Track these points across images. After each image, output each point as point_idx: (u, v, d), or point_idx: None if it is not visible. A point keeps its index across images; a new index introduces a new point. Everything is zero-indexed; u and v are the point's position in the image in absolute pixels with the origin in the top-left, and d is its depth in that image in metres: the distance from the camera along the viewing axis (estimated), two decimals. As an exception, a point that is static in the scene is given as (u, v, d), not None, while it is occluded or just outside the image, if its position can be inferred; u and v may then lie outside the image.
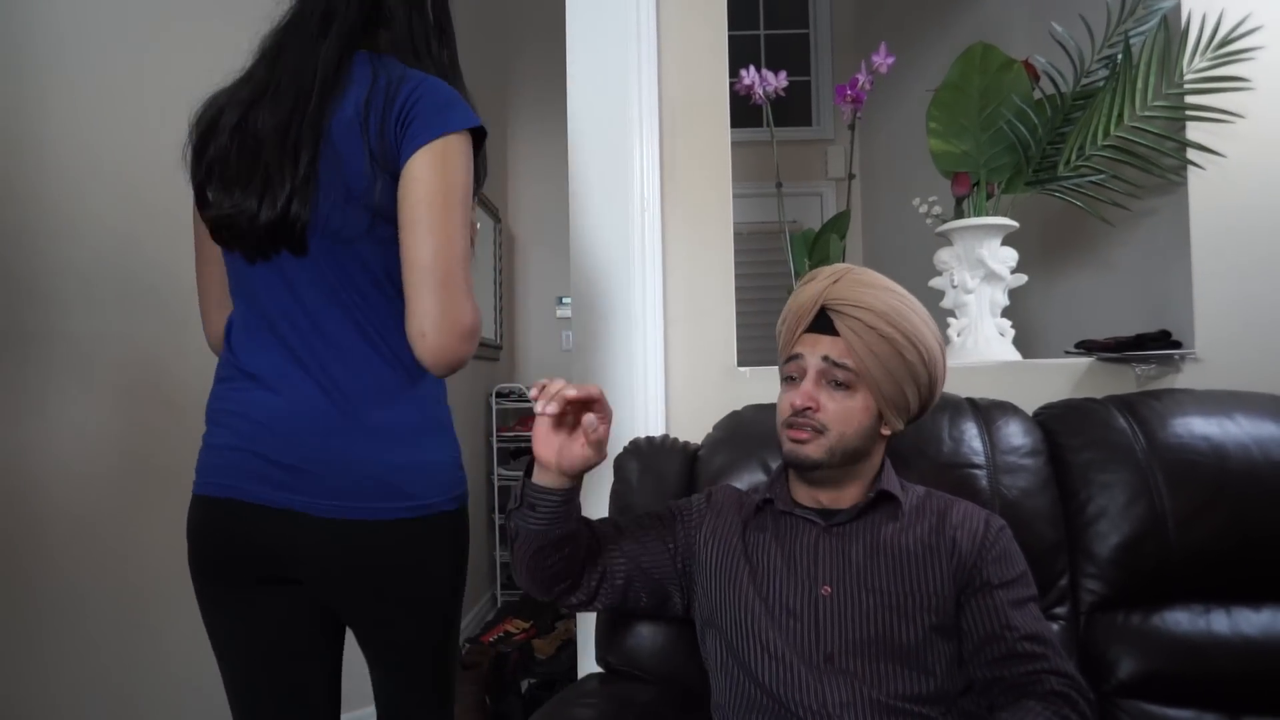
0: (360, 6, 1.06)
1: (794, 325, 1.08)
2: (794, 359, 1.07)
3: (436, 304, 0.96)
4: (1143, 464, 1.30)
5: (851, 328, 1.02)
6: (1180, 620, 1.24)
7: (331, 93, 1.00)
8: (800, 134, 4.31)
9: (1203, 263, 1.61)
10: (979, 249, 1.67)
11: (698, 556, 1.12)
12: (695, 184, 1.67)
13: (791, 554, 1.06)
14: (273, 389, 1.01)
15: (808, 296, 1.06)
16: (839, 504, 1.08)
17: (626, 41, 1.63)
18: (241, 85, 1.07)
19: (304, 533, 0.99)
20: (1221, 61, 1.56)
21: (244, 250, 1.03)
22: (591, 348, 1.62)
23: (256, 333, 1.04)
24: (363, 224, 1.00)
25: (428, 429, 1.05)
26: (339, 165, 0.99)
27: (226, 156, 1.02)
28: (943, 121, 1.68)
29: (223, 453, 1.04)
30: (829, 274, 1.07)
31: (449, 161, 0.98)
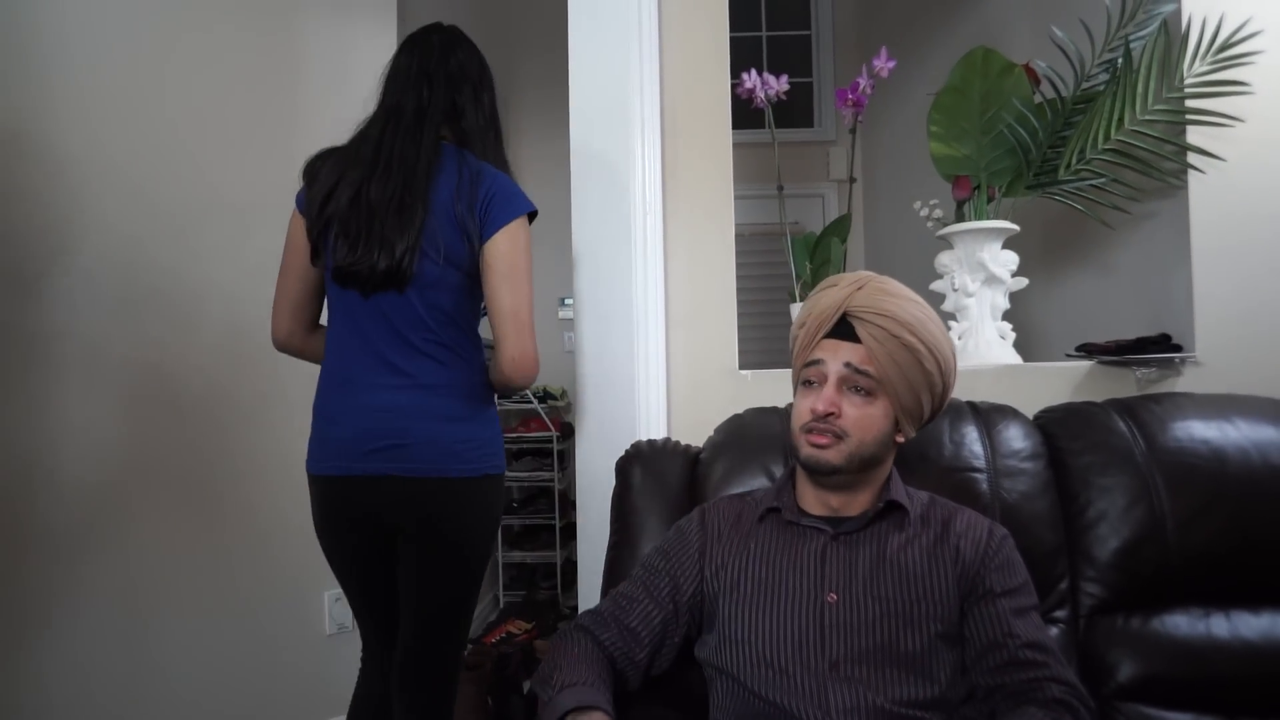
0: (442, 106, 1.44)
1: (814, 330, 1.08)
2: (815, 364, 1.07)
3: (515, 338, 1.37)
4: (1142, 468, 1.30)
5: (874, 335, 1.03)
6: (1180, 624, 1.25)
7: (431, 176, 1.36)
8: (802, 135, 4.31)
9: (1203, 266, 1.62)
10: (980, 252, 1.68)
11: (706, 588, 1.11)
12: (697, 187, 1.68)
13: (798, 562, 1.06)
14: (373, 391, 1.38)
15: (830, 302, 1.07)
16: (849, 510, 1.08)
17: (628, 45, 1.63)
18: (352, 164, 1.40)
19: (398, 488, 1.36)
20: (1221, 65, 1.57)
21: (359, 289, 1.38)
22: (594, 351, 1.63)
23: (360, 350, 1.40)
24: (445, 275, 1.37)
25: (480, 417, 1.43)
26: (437, 233, 1.35)
27: (346, 219, 1.36)
28: (944, 125, 1.69)
29: (336, 442, 1.40)
30: (852, 281, 1.08)
31: (517, 239, 1.39)
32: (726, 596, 1.08)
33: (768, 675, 1.02)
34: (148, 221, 2.08)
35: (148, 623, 2.05)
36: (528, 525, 4.02)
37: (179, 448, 2.13)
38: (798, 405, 1.08)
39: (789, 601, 1.04)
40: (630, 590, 1.13)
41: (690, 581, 1.11)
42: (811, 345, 1.08)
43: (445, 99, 1.44)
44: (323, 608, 2.36)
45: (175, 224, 2.12)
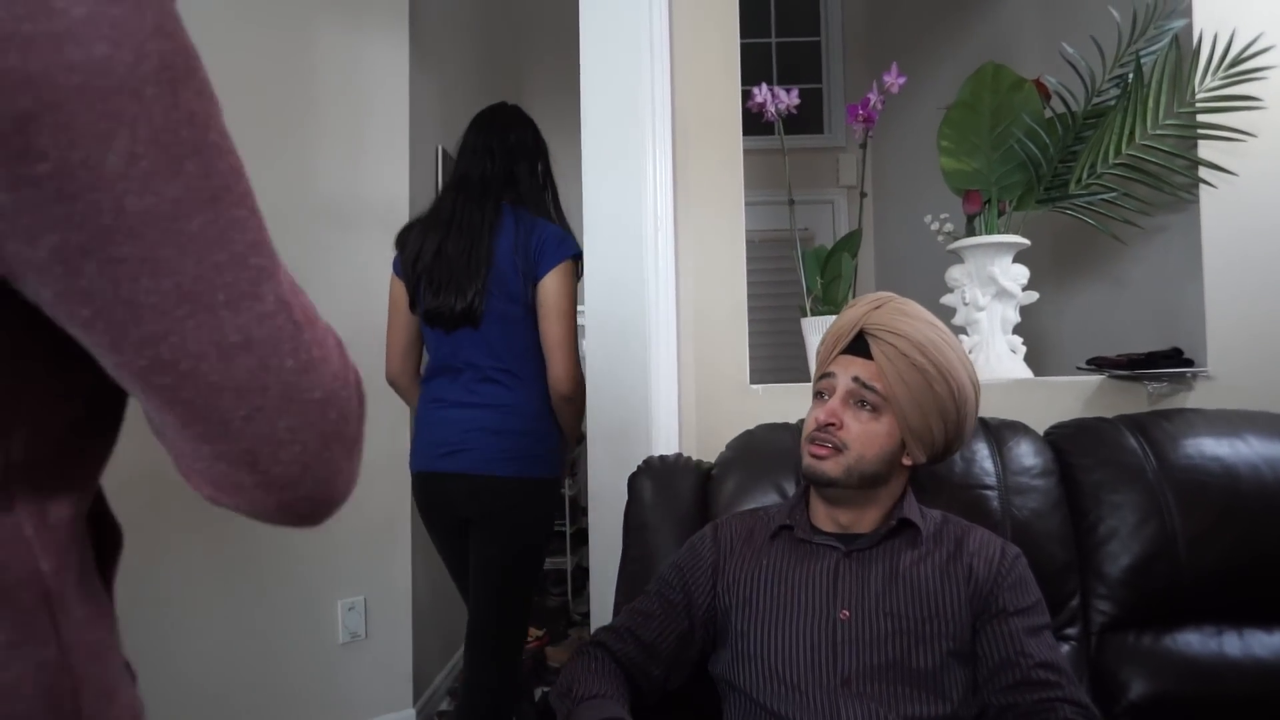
0: (502, 176, 1.78)
1: (831, 345, 1.10)
2: (826, 377, 1.09)
3: (564, 362, 1.72)
4: (1153, 484, 1.31)
5: (885, 353, 1.04)
6: (1191, 641, 1.25)
7: (494, 235, 1.71)
8: (812, 142, 4.31)
9: (1215, 280, 1.62)
10: (990, 266, 1.68)
11: (719, 603, 1.12)
12: (708, 202, 1.69)
13: (810, 579, 1.07)
14: (455, 407, 1.75)
15: (848, 320, 1.09)
16: (858, 527, 1.09)
17: (640, 61, 1.64)
18: (432, 228, 1.76)
19: (461, 483, 1.73)
20: (1233, 81, 1.57)
21: (443, 328, 1.74)
22: (606, 366, 1.64)
23: (445, 374, 1.78)
24: (508, 312, 1.71)
25: (531, 432, 1.76)
26: (501, 279, 1.69)
27: (431, 271, 1.72)
28: (954, 140, 1.69)
29: (424, 445, 1.80)
30: (872, 300, 1.10)
31: (562, 279, 1.73)
32: (739, 612, 1.09)
33: (780, 691, 1.02)
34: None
35: (167, 628, 2.08)
36: (538, 532, 4.02)
37: (194, 458, 2.14)
38: (807, 416, 1.10)
39: (802, 618, 1.05)
40: (646, 605, 1.14)
41: (704, 596, 1.13)
42: (828, 360, 1.10)
43: (504, 169, 1.78)
44: (336, 617, 2.37)
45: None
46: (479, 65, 3.69)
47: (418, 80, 2.64)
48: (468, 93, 3.47)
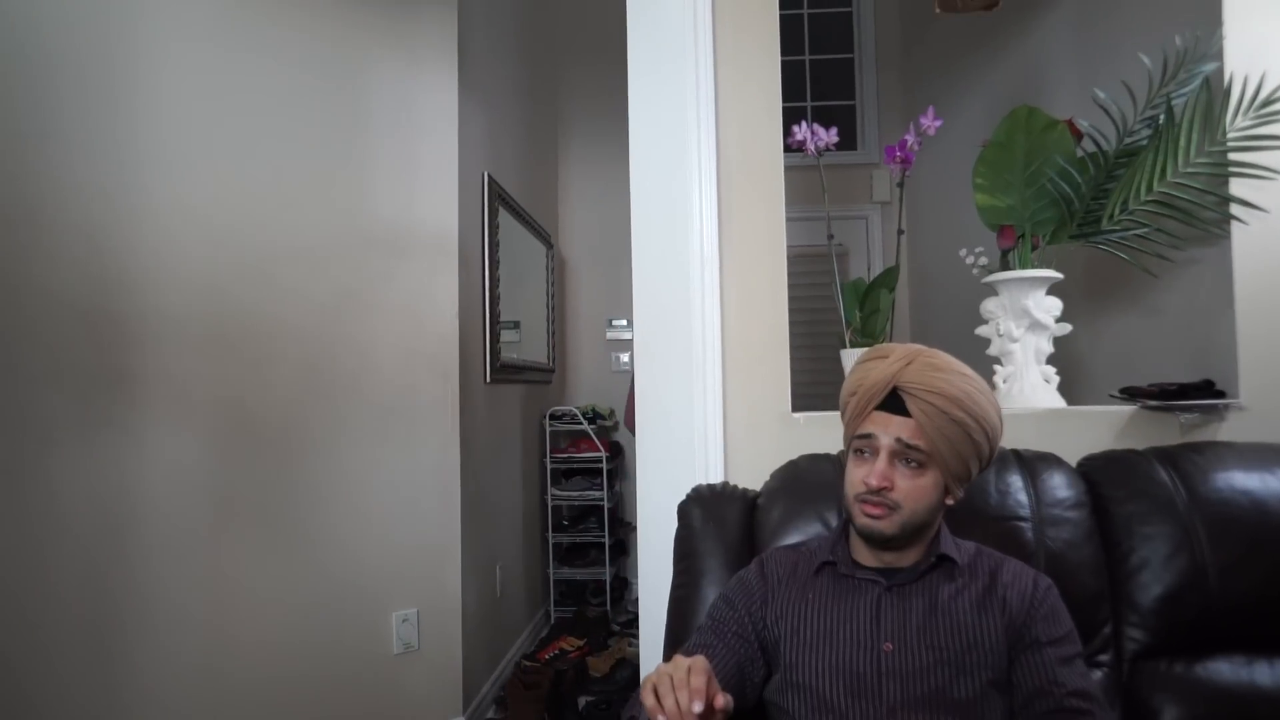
0: None
1: (864, 402, 1.13)
2: (867, 437, 1.12)
3: None
4: (1184, 517, 1.36)
5: (924, 411, 1.08)
6: (1223, 670, 1.30)
7: None
8: (845, 158, 4.37)
9: (1247, 313, 1.66)
10: (1024, 299, 1.74)
11: (769, 634, 1.18)
12: (751, 238, 1.76)
13: (854, 613, 1.14)
14: None
15: (880, 376, 1.12)
16: (899, 563, 1.15)
17: (685, 107, 1.73)
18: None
19: None
20: (1263, 121, 1.61)
21: None
22: (654, 396, 1.72)
23: None
24: None
25: None
26: None
27: None
28: (988, 178, 1.75)
29: None
30: (902, 355, 1.13)
31: None
32: (788, 642, 1.16)
33: (826, 717, 1.10)
34: (228, 266, 2.22)
35: (230, 637, 2.20)
36: (577, 543, 4.12)
37: (258, 477, 2.27)
38: (851, 473, 1.14)
39: (847, 649, 1.11)
40: (701, 639, 1.20)
41: (757, 626, 1.19)
42: (862, 416, 1.13)
43: None
44: (390, 628, 2.48)
45: (253, 267, 2.27)
46: (522, 93, 3.79)
47: (465, 109, 2.75)
48: (512, 120, 3.58)
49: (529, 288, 3.72)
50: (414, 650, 2.52)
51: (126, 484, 2.03)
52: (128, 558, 2.03)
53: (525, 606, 3.67)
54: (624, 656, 3.24)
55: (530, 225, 3.68)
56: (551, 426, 4.02)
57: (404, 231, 2.55)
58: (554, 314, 4.22)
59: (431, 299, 2.59)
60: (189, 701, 2.12)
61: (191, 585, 2.14)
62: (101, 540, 1.98)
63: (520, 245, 3.51)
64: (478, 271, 2.95)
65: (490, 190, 3.03)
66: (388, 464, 2.48)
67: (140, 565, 2.05)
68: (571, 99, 4.65)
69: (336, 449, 2.40)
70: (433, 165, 2.62)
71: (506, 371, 3.23)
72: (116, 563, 2.01)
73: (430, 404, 2.58)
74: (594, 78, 4.60)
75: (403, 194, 2.55)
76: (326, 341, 2.39)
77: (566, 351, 4.59)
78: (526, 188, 3.76)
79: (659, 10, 1.75)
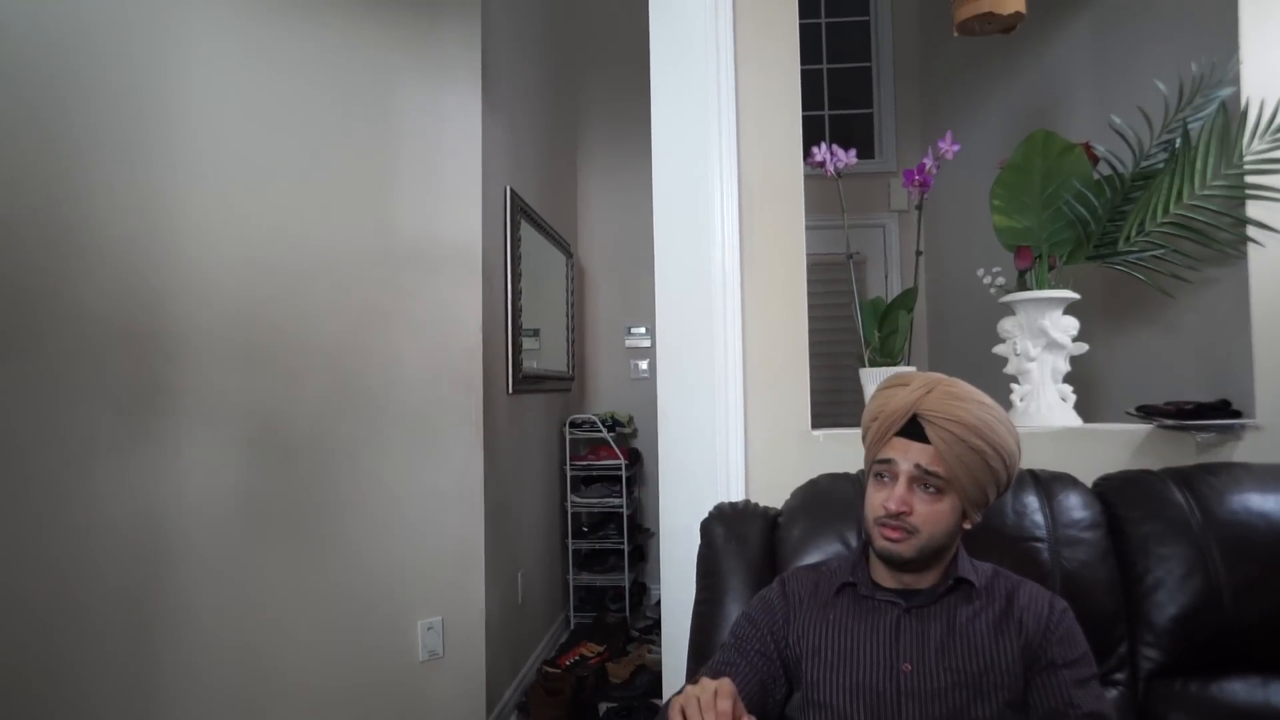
0: None
1: (885, 428, 1.16)
2: (886, 462, 1.16)
3: None
4: (1199, 538, 1.38)
5: (943, 438, 1.12)
6: (1238, 690, 1.32)
7: None
8: (863, 166, 4.38)
9: (1263, 334, 1.68)
10: (1041, 319, 1.76)
11: (790, 652, 1.22)
12: (771, 258, 1.79)
13: (874, 633, 1.17)
14: None
15: (900, 404, 1.15)
16: (918, 584, 1.19)
17: (708, 128, 1.77)
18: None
19: None
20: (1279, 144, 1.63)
21: None
22: (677, 414, 1.76)
23: None
24: None
25: None
26: None
27: None
28: (1006, 199, 1.78)
29: None
30: (922, 384, 1.16)
31: None
32: (809, 661, 1.19)
33: None
34: (262, 282, 2.28)
35: (262, 643, 2.26)
36: (596, 549, 4.16)
37: (289, 488, 2.33)
38: (871, 496, 1.18)
39: (867, 670, 1.15)
40: (725, 657, 1.24)
41: (778, 645, 1.23)
42: (883, 442, 1.17)
43: None
44: (416, 635, 2.53)
45: (286, 284, 2.33)
46: (542, 104, 3.84)
47: (489, 125, 2.80)
48: (533, 131, 3.63)
49: (549, 297, 3.77)
50: (439, 657, 2.57)
51: (164, 494, 2.09)
52: (166, 565, 2.09)
53: (546, 613, 3.71)
54: (643, 663, 3.28)
55: (550, 235, 3.73)
56: (571, 434, 4.06)
57: (430, 247, 2.60)
58: (573, 322, 4.26)
59: (456, 313, 2.64)
60: (223, 703, 2.18)
61: (225, 592, 2.20)
62: (141, 548, 2.04)
63: (541, 255, 3.56)
64: (500, 284, 3.00)
65: (512, 204, 3.08)
66: (414, 475, 2.53)
67: (177, 572, 2.11)
68: (590, 106, 4.70)
69: (365, 460, 2.45)
70: (457, 181, 2.67)
71: (528, 382, 3.28)
72: (155, 570, 2.07)
73: (455, 416, 2.63)
74: (612, 84, 4.65)
75: (428, 210, 2.60)
76: (355, 355, 2.45)
77: (585, 359, 4.64)
78: (547, 198, 3.81)
79: (681, 24, 1.79)
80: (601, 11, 4.68)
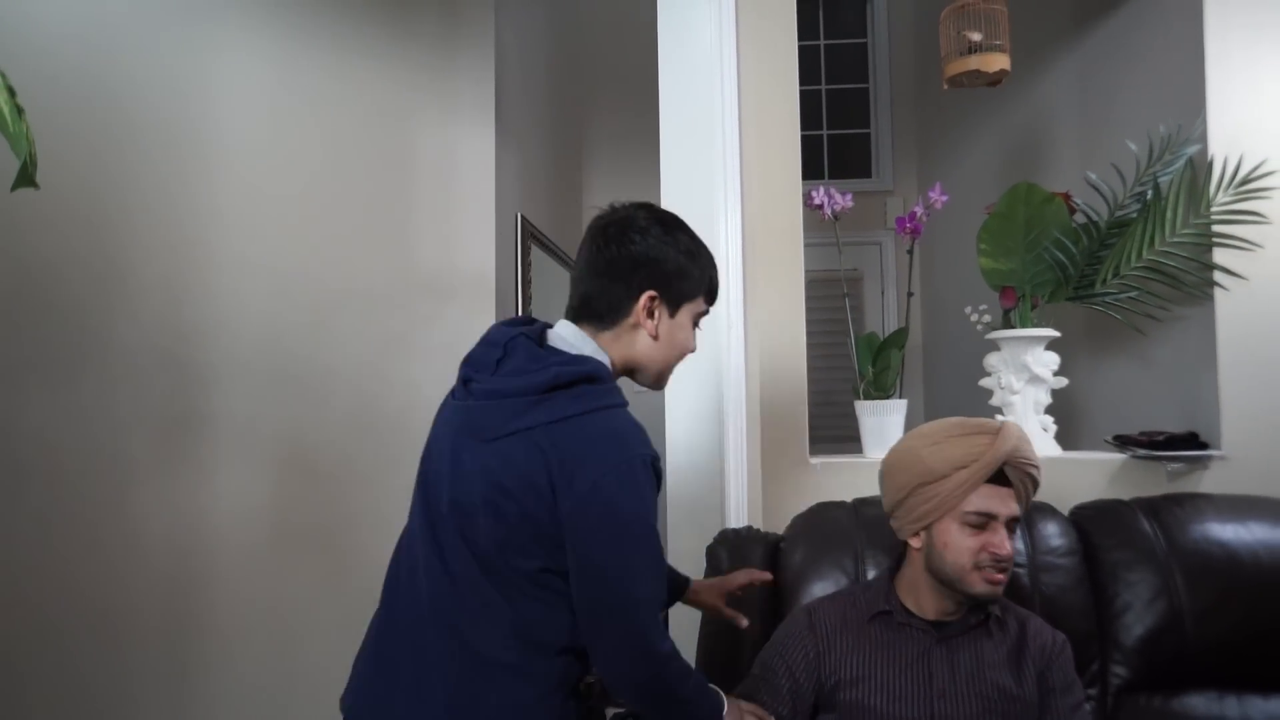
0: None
1: (978, 476, 1.20)
2: (986, 514, 1.21)
3: None
4: (1164, 565, 1.51)
5: (1024, 482, 1.23)
6: (1196, 705, 1.46)
7: None
8: (860, 185, 4.51)
9: (1229, 372, 1.81)
10: (1024, 355, 1.89)
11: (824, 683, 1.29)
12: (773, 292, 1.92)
13: (908, 661, 1.26)
14: None
15: (997, 453, 1.20)
16: (954, 616, 1.28)
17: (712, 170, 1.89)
18: None
19: None
20: (1243, 197, 1.76)
21: None
22: (684, 442, 1.89)
23: None
24: None
25: None
26: None
27: None
28: (991, 244, 1.91)
29: None
30: (1012, 431, 1.24)
31: None
32: (847, 690, 1.27)
33: None
34: (289, 311, 2.41)
35: (289, 654, 2.39)
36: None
37: (315, 508, 2.45)
38: (963, 541, 1.21)
39: (903, 697, 1.24)
40: (751, 686, 1.32)
41: (807, 678, 1.30)
42: (972, 489, 1.20)
43: None
44: (433, 646, 2.65)
45: (311, 312, 2.46)
46: (550, 127, 3.97)
47: (500, 154, 2.92)
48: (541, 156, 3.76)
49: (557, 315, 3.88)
50: (455, 666, 2.70)
51: (198, 513, 2.22)
52: (199, 581, 2.22)
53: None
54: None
55: (558, 256, 3.86)
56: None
57: (446, 275, 2.72)
58: (579, 337, 4.37)
59: (471, 339, 2.67)
60: (252, 713, 2.30)
61: (254, 606, 2.32)
62: (176, 565, 2.17)
63: (549, 276, 3.68)
64: (512, 309, 3.12)
65: (523, 229, 3.20)
66: (431, 493, 2.66)
67: (210, 588, 2.24)
68: (594, 125, 4.81)
69: (386, 481, 2.57)
70: (472, 212, 2.79)
71: (537, 400, 3.39)
72: (189, 585, 2.20)
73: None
74: (616, 102, 4.75)
75: (445, 241, 2.72)
76: (377, 380, 2.57)
77: (590, 372, 4.74)
78: (555, 219, 3.93)
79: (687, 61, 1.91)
80: (606, 36, 4.80)
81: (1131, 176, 1.87)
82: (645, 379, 1.21)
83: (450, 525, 1.09)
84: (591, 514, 1.02)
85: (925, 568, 1.26)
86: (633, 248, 1.13)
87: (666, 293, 1.15)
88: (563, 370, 1.07)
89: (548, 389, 1.06)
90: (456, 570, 1.08)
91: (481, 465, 1.07)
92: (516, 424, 1.05)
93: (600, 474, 1.02)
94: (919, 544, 1.27)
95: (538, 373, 1.08)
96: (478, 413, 1.11)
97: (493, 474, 1.05)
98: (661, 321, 1.16)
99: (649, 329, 1.15)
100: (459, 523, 1.08)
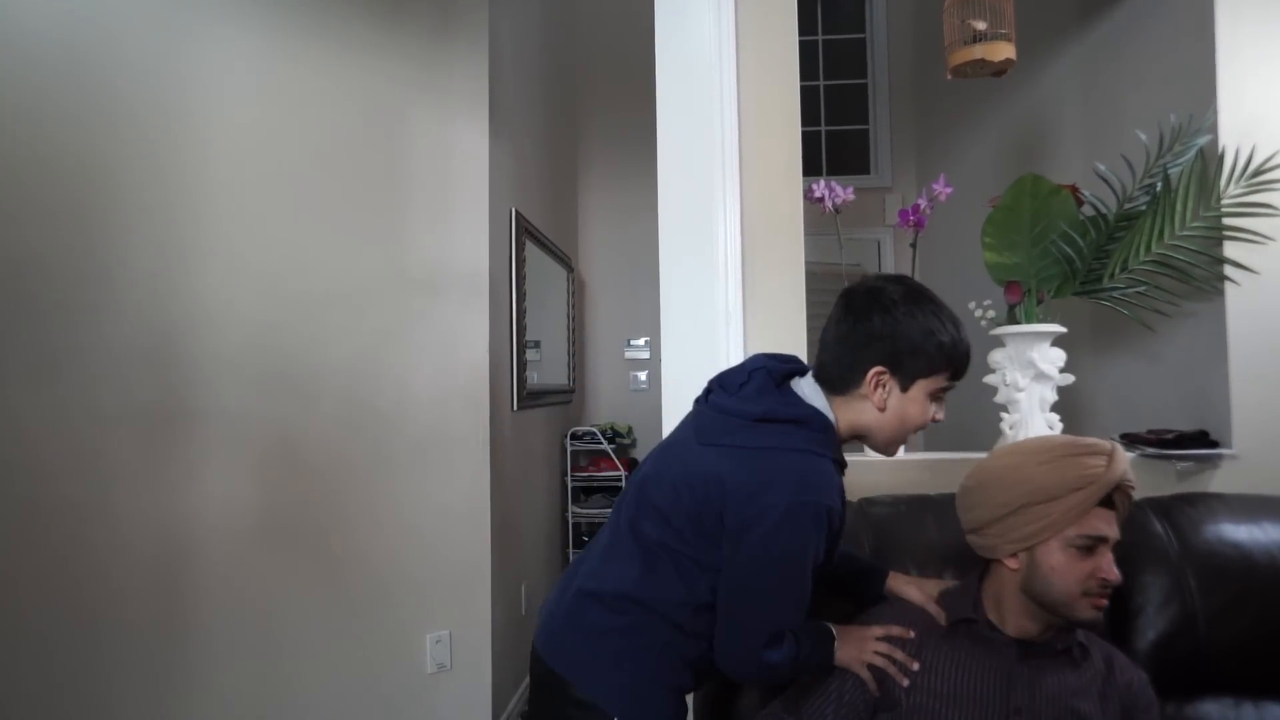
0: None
1: (1092, 499, 1.16)
2: (1099, 538, 1.17)
3: None
4: (1176, 567, 1.47)
5: (1124, 505, 1.19)
6: (1211, 712, 1.41)
7: None
8: (859, 182, 4.45)
9: (1239, 368, 1.77)
10: (1030, 351, 1.85)
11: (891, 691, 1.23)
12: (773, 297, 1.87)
13: (988, 674, 1.21)
14: None
15: (1113, 476, 1.16)
16: (1040, 636, 1.23)
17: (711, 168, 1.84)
18: None
19: None
20: (1255, 189, 1.72)
21: None
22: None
23: None
24: None
25: None
26: None
27: None
28: (996, 237, 1.86)
29: None
30: (1122, 453, 1.20)
31: None
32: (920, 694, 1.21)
33: None
34: (278, 309, 2.36)
35: (276, 654, 2.35)
36: (597, 558, 4.23)
37: (303, 507, 2.41)
38: (1072, 566, 1.17)
39: (979, 708, 1.19)
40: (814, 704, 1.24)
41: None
42: (1085, 510, 1.16)
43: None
44: (425, 648, 2.61)
45: (300, 310, 2.41)
46: (545, 123, 3.92)
47: (494, 149, 2.87)
48: (536, 152, 3.71)
49: (551, 311, 3.85)
50: (446, 670, 2.65)
51: (185, 512, 2.17)
52: (186, 580, 2.17)
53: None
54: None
55: (552, 251, 3.81)
56: (572, 446, 4.14)
57: (439, 272, 2.67)
58: (574, 335, 4.34)
59: (464, 335, 2.71)
60: (238, 713, 2.26)
61: (241, 605, 2.28)
62: (162, 564, 2.12)
63: (543, 272, 3.64)
64: (506, 305, 3.07)
65: (517, 225, 3.15)
66: (423, 493, 2.61)
67: (196, 587, 2.19)
68: (589, 119, 4.77)
69: (376, 479, 2.53)
70: (466, 208, 2.74)
71: (532, 398, 3.36)
72: (175, 584, 2.15)
73: (462, 434, 2.70)
74: (610, 99, 4.71)
75: (438, 237, 2.68)
76: (367, 378, 2.52)
77: (586, 371, 4.71)
78: (549, 214, 3.89)
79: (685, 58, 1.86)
80: (601, 30, 4.75)
81: (1141, 168, 1.82)
82: (874, 445, 1.27)
83: (641, 494, 1.25)
84: (751, 536, 1.12)
85: (1021, 589, 1.21)
86: (870, 323, 1.18)
87: (897, 370, 1.19)
88: (776, 408, 1.18)
89: (758, 419, 1.17)
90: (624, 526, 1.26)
91: (684, 458, 1.21)
92: (725, 439, 1.18)
93: (769, 505, 1.11)
94: (1017, 565, 1.21)
95: (758, 403, 1.19)
96: (705, 419, 1.24)
97: (688, 467, 1.19)
98: (891, 395, 1.20)
99: (876, 401, 1.20)
100: (649, 493, 1.24)
